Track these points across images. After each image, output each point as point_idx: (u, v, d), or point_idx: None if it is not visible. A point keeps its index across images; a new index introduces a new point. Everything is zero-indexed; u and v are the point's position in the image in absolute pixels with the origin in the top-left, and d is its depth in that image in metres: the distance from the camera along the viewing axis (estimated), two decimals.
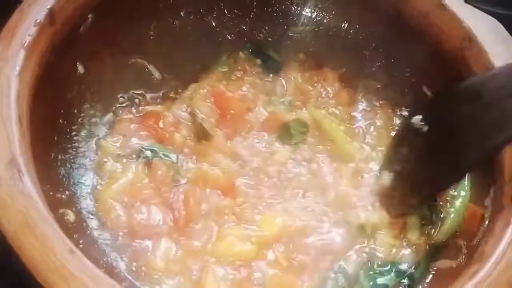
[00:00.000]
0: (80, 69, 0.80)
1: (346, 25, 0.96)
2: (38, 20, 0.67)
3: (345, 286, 0.73)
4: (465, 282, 0.58)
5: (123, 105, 0.86)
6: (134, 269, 0.71)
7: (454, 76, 0.80)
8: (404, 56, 0.89)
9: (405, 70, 0.90)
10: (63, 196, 0.71)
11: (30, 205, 0.53)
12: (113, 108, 0.85)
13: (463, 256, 0.71)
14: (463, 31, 0.79)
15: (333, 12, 0.96)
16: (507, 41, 0.78)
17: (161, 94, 0.88)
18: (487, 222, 0.69)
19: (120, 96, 0.86)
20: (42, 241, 0.51)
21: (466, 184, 0.78)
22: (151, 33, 0.88)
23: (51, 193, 0.67)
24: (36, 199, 0.54)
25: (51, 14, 0.69)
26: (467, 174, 0.72)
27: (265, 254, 0.73)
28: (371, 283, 0.73)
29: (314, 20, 0.97)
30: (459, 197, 0.78)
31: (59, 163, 0.74)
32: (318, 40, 0.96)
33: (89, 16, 0.77)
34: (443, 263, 0.73)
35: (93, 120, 0.83)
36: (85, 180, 0.77)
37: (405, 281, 0.73)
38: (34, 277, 0.51)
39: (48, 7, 0.69)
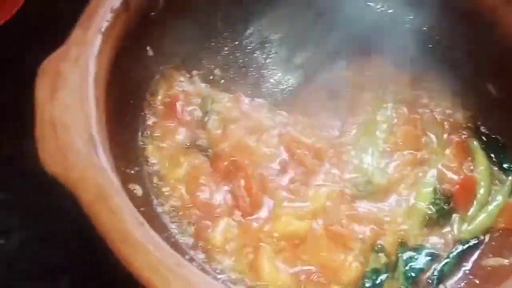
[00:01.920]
0: (150, 52, 0.84)
1: (411, 16, 0.95)
2: (114, 7, 0.71)
3: (386, 262, 0.75)
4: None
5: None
6: (193, 245, 0.75)
7: None
8: (469, 51, 0.88)
9: (469, 66, 0.89)
10: (132, 171, 0.76)
11: (104, 179, 0.57)
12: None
13: None
14: None
15: (399, 4, 0.96)
16: None
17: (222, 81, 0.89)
18: None
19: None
20: (115, 213, 0.55)
21: (505, 189, 0.80)
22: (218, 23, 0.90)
23: (122, 168, 0.71)
24: (110, 174, 0.58)
25: (126, 1, 0.73)
26: None
27: (315, 229, 0.76)
28: (407, 267, 0.75)
29: (378, 11, 0.97)
30: (494, 201, 0.79)
31: (129, 141, 0.79)
32: (379, 31, 0.96)
33: (160, 0, 0.81)
34: (495, 261, 0.73)
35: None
36: (151, 159, 0.80)
37: (436, 273, 0.75)
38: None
39: None
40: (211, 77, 0.89)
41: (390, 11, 0.97)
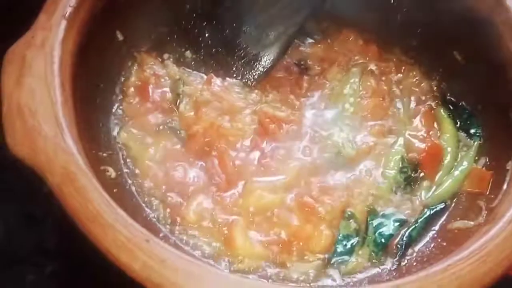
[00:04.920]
0: (119, 36, 0.85)
1: None
2: None
3: (356, 228, 0.77)
4: (475, 240, 0.61)
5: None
6: (169, 222, 0.76)
7: (484, 41, 0.81)
8: (435, 21, 0.89)
9: (436, 35, 0.90)
10: (104, 154, 0.77)
11: (71, 161, 0.59)
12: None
13: (483, 218, 0.73)
14: None
15: None
16: None
17: (193, 63, 0.90)
18: (505, 185, 0.71)
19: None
20: (82, 193, 0.57)
21: (471, 155, 0.83)
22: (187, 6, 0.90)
23: (93, 151, 0.72)
24: (76, 156, 0.59)
25: None
26: None
27: (287, 201, 0.78)
28: (377, 234, 0.77)
29: None
30: (460, 167, 0.82)
31: (101, 125, 0.80)
32: (347, 6, 0.97)
33: None
34: (461, 224, 0.76)
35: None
36: (124, 141, 0.81)
37: (405, 238, 0.77)
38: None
39: None
40: (182, 60, 0.90)
41: None
